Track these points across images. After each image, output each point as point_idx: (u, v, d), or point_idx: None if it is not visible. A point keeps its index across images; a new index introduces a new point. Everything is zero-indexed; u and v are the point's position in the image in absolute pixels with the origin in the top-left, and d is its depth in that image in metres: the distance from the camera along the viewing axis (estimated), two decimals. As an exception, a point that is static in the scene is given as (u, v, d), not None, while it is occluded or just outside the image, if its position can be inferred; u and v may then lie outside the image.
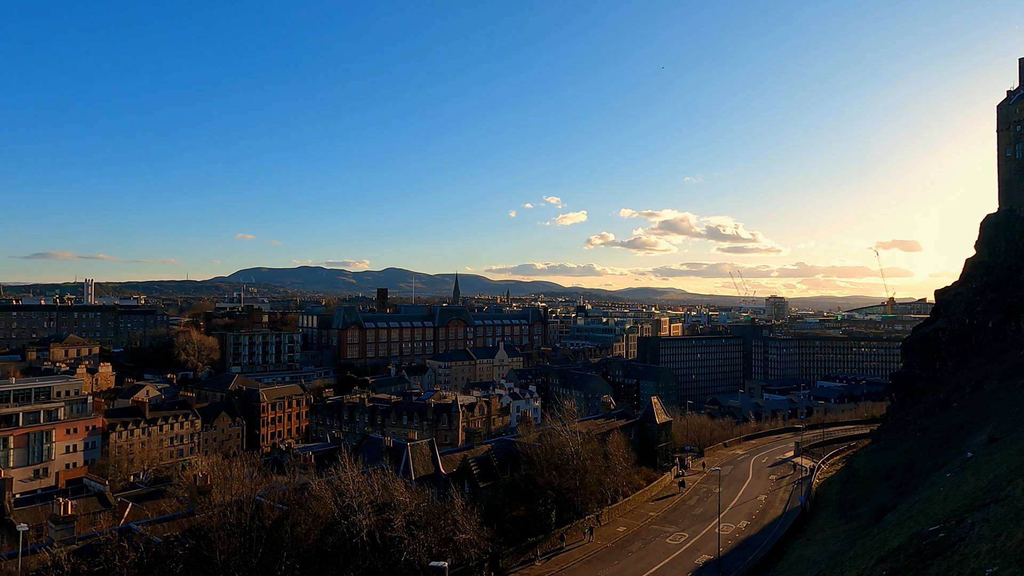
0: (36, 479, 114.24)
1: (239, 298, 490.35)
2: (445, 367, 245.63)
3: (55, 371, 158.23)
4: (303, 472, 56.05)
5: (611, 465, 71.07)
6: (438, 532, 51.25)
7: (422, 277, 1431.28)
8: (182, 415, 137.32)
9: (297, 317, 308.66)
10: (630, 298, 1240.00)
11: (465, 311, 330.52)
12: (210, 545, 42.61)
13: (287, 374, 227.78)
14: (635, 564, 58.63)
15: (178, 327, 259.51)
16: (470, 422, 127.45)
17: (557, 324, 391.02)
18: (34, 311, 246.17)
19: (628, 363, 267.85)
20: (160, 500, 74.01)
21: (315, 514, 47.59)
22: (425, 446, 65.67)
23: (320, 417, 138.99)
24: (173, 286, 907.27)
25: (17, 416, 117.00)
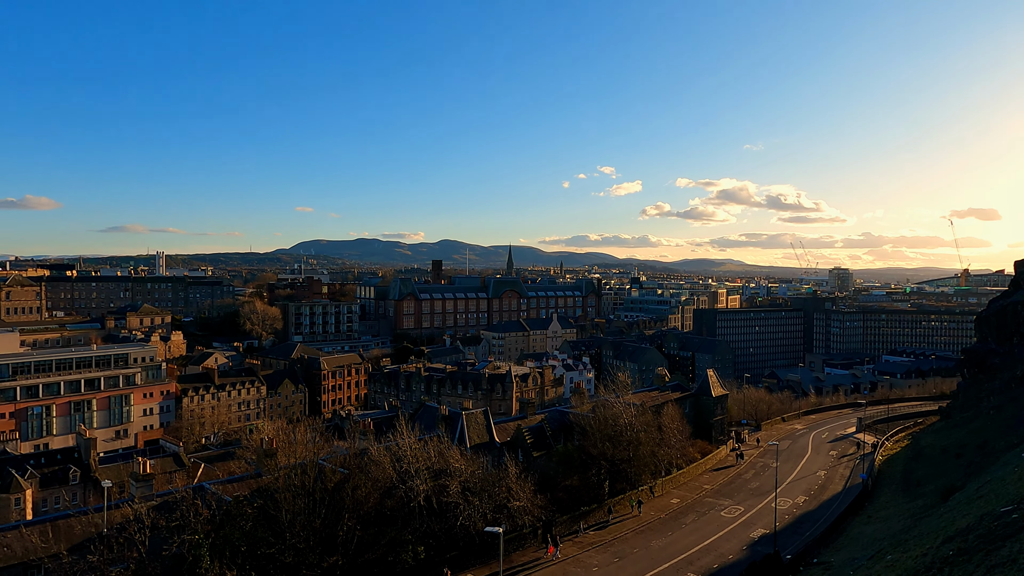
0: (117, 439, 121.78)
1: (299, 270, 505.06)
2: (499, 338, 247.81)
3: (132, 339, 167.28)
4: (363, 438, 57.86)
5: (665, 437, 70.76)
6: (492, 499, 52.32)
7: (476, 249, 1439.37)
8: (248, 382, 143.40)
9: (355, 288, 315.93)
10: (686, 269, 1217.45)
11: (518, 282, 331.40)
12: (276, 505, 44.72)
13: (346, 343, 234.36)
14: (689, 536, 58.60)
15: (243, 297, 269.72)
16: (523, 392, 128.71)
17: (611, 296, 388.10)
18: (111, 282, 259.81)
19: (683, 335, 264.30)
20: (230, 462, 78.15)
21: (374, 478, 49.24)
22: (479, 415, 66.75)
23: (378, 385, 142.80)
24: (237, 258, 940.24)
25: (99, 381, 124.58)
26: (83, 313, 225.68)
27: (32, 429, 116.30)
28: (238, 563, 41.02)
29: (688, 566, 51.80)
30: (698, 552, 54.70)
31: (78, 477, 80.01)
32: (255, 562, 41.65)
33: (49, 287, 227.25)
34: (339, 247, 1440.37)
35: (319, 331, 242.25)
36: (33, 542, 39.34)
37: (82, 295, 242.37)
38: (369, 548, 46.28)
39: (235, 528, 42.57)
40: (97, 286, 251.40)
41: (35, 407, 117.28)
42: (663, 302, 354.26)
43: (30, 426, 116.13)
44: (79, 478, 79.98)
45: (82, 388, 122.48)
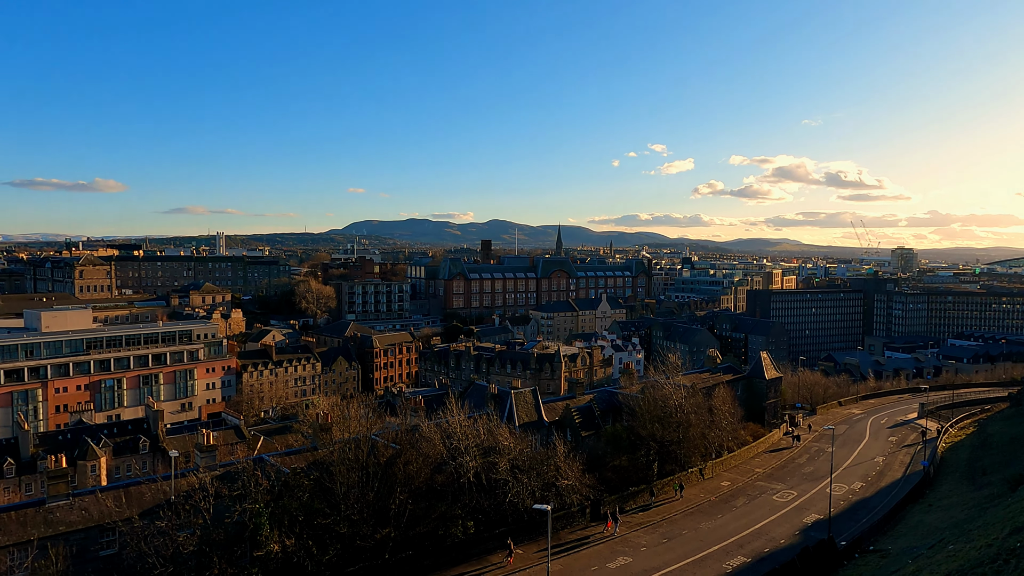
0: (182, 412, 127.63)
1: (352, 250, 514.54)
2: (548, 318, 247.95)
3: (194, 316, 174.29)
4: (414, 415, 59.09)
5: (716, 420, 69.84)
6: (541, 477, 52.79)
7: (525, 229, 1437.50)
8: (304, 358, 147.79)
9: (405, 268, 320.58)
10: (739, 249, 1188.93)
11: (568, 262, 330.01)
12: (332, 477, 46.20)
13: (397, 322, 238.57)
14: (739, 519, 57.95)
15: (298, 277, 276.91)
16: (572, 372, 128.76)
17: (661, 276, 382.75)
18: (175, 261, 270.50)
19: (736, 317, 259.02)
20: (287, 435, 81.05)
21: (425, 454, 50.27)
22: (528, 394, 67.17)
23: (428, 363, 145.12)
24: (293, 238, 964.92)
25: (166, 356, 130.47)
26: (149, 291, 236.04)
27: (105, 401, 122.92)
28: (296, 532, 42.66)
29: (738, 549, 51.31)
30: (748, 536, 54.08)
31: (147, 447, 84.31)
32: (312, 531, 43.22)
33: (118, 266, 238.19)
34: (390, 227, 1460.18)
35: (371, 310, 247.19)
36: (108, 506, 41.76)
37: (148, 274, 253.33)
38: (420, 521, 47.42)
39: (293, 499, 44.21)
40: (162, 265, 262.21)
41: (107, 380, 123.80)
42: (715, 283, 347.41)
43: (103, 398, 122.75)
44: (148, 448, 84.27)
45: (150, 363, 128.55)
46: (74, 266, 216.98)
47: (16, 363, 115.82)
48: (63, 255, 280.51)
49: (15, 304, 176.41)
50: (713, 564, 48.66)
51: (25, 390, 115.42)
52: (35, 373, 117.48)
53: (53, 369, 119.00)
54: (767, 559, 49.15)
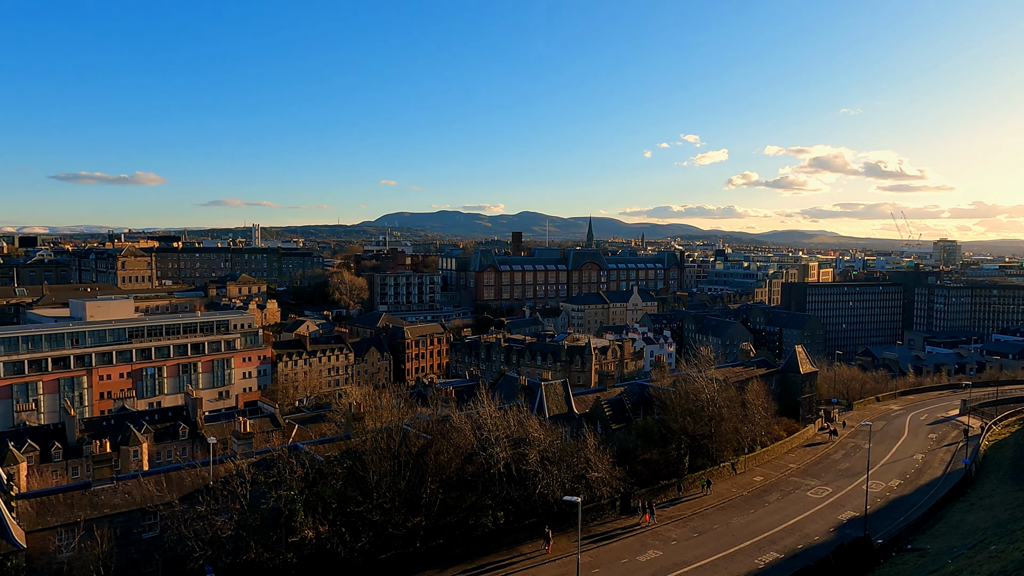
0: (220, 400, 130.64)
1: (384, 241, 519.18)
2: (578, 310, 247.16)
3: (231, 306, 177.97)
4: (444, 405, 59.53)
5: (749, 414, 68.95)
6: (571, 469, 52.83)
7: (555, 220, 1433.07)
8: (337, 349, 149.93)
9: (437, 260, 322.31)
10: (774, 241, 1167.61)
11: (599, 254, 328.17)
12: (364, 466, 46.91)
13: (428, 313, 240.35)
14: (772, 514, 57.22)
15: (332, 268, 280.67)
16: (603, 365, 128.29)
17: (694, 268, 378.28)
18: (212, 253, 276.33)
19: (770, 310, 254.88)
20: (321, 424, 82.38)
21: (456, 444, 50.69)
22: (559, 386, 67.16)
23: (459, 355, 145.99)
24: (326, 230, 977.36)
25: (204, 345, 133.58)
26: (188, 282, 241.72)
27: (146, 388, 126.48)
28: (329, 519, 43.47)
29: (771, 545, 50.70)
30: (782, 532, 53.39)
31: (186, 433, 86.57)
32: (345, 519, 43.98)
33: (158, 257, 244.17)
34: (421, 219, 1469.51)
35: (403, 301, 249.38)
36: (149, 490, 43.07)
37: (187, 265, 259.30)
38: (451, 511, 47.89)
39: (326, 486, 45.02)
40: (200, 257, 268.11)
41: (148, 368, 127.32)
42: (749, 275, 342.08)
43: (144, 385, 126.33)
44: (187, 434, 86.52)
45: (189, 351, 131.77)
46: (116, 257, 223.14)
47: (63, 351, 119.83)
48: (106, 247, 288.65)
49: (61, 294, 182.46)
50: (745, 559, 48.19)
51: (71, 377, 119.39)
52: (80, 361, 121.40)
53: (97, 357, 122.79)
54: (801, 556, 48.49)
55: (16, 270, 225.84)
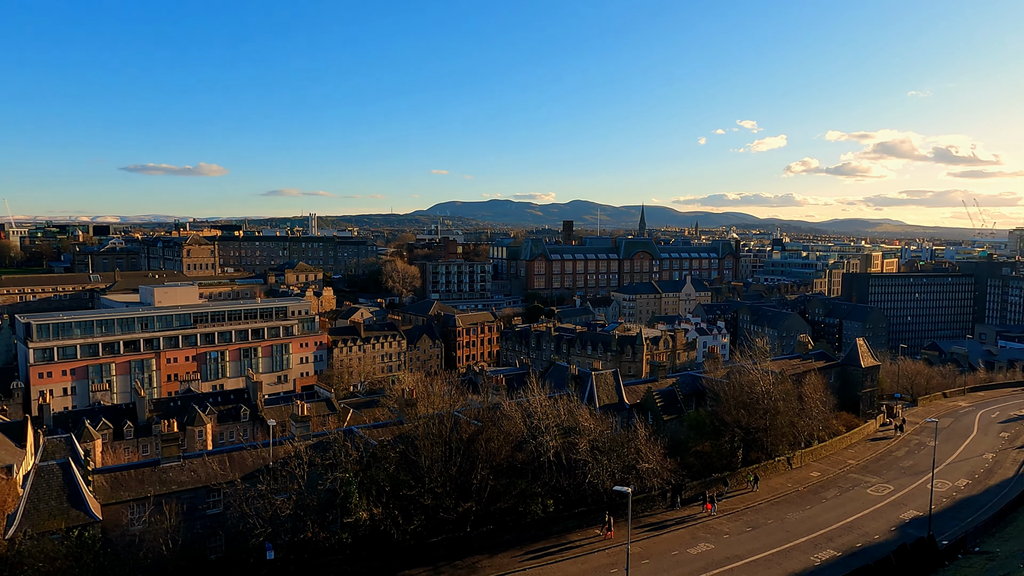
0: (278, 384, 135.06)
1: (436, 230, 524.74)
2: (629, 299, 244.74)
3: (289, 293, 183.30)
4: (495, 393, 60.00)
5: (806, 408, 67.10)
6: (621, 459, 52.59)
7: (607, 209, 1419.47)
8: (390, 335, 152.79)
9: (488, 248, 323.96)
10: (835, 230, 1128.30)
11: (651, 243, 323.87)
12: (416, 451, 47.81)
13: (479, 301, 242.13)
14: (830, 511, 55.70)
15: (385, 257, 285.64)
16: (654, 355, 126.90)
17: (750, 258, 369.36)
18: (271, 241, 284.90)
19: (830, 301, 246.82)
20: (374, 408, 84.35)
21: (506, 432, 51.09)
22: (609, 376, 66.80)
23: (509, 343, 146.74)
24: (380, 219, 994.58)
25: (263, 330, 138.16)
26: (248, 269, 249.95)
27: (210, 371, 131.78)
28: (383, 502, 44.53)
29: (828, 542, 49.42)
30: (839, 529, 51.94)
31: (247, 415, 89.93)
32: (397, 502, 44.98)
33: (220, 246, 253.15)
34: (473, 208, 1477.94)
35: (454, 289, 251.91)
36: (214, 469, 44.97)
37: (247, 253, 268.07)
38: (500, 497, 48.39)
39: (380, 470, 46.10)
40: (260, 245, 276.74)
41: (212, 352, 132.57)
42: (808, 265, 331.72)
43: (208, 368, 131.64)
44: (248, 416, 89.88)
45: (249, 337, 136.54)
46: (182, 246, 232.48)
47: (133, 335, 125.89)
48: (172, 235, 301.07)
49: (132, 280, 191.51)
50: (800, 556, 47.13)
51: (141, 360, 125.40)
52: (149, 344, 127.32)
53: (165, 341, 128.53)
54: (859, 554, 47.12)
55: (91, 258, 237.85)
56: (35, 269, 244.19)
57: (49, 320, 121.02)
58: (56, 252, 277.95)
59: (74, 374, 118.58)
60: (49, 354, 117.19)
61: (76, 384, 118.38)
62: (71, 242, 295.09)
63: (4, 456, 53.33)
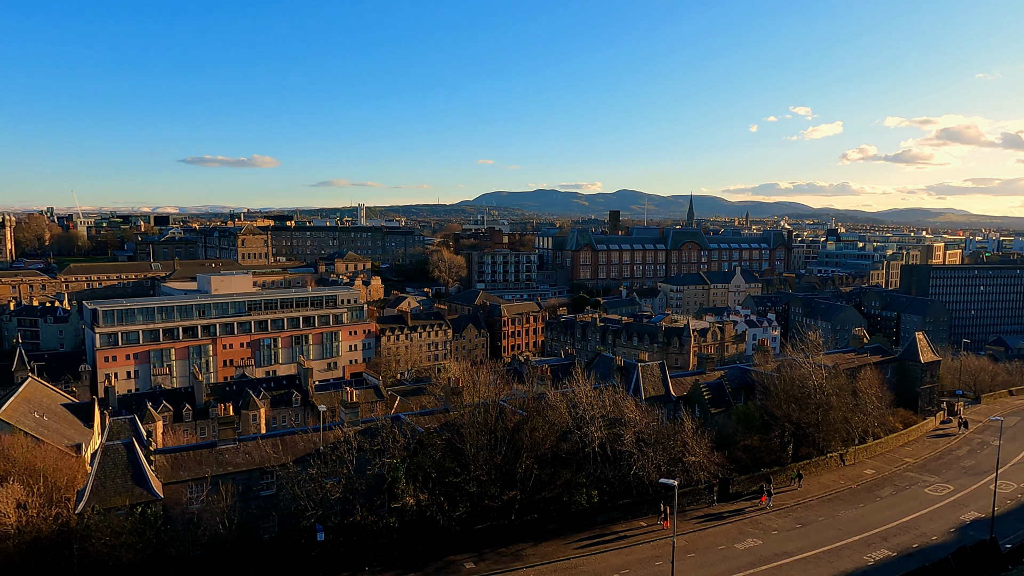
0: (328, 371, 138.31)
1: (482, 220, 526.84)
2: (677, 290, 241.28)
3: (339, 282, 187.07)
4: (540, 383, 60.09)
5: (860, 403, 65.10)
6: (667, 451, 52.10)
7: (654, 199, 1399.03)
8: (437, 324, 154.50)
9: (533, 238, 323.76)
10: (894, 220, 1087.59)
11: (699, 234, 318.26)
12: (462, 439, 48.37)
13: (524, 291, 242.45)
14: (884, 510, 54.03)
15: (432, 247, 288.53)
16: (702, 347, 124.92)
17: (802, 249, 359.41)
18: (322, 231, 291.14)
19: (887, 294, 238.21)
20: (421, 396, 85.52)
21: (551, 422, 51.16)
22: (655, 367, 66.11)
23: (554, 333, 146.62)
24: (426, 209, 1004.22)
25: (314, 318, 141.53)
26: (300, 258, 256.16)
27: (263, 357, 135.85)
28: (429, 488, 45.26)
29: (882, 542, 47.99)
30: (894, 529, 50.35)
31: (299, 400, 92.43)
32: (443, 488, 45.65)
33: (273, 235, 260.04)
34: (518, 198, 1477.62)
35: (500, 279, 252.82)
36: (267, 452, 46.45)
37: (299, 243, 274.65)
38: (545, 487, 48.59)
39: (426, 456, 46.83)
40: (311, 235, 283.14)
41: (265, 339, 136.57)
42: (864, 256, 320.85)
43: (262, 355, 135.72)
44: (300, 402, 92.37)
45: (301, 324, 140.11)
46: (237, 235, 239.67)
47: (191, 321, 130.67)
48: (228, 225, 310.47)
49: (190, 269, 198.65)
50: (852, 555, 45.92)
51: (199, 345, 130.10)
52: (207, 331, 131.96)
53: (221, 328, 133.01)
54: (915, 555, 45.63)
55: (152, 247, 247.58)
56: (101, 258, 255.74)
57: (114, 307, 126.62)
58: (120, 241, 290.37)
59: (137, 358, 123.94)
60: (114, 339, 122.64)
61: (139, 368, 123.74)
62: (134, 232, 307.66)
63: (73, 435, 56.22)
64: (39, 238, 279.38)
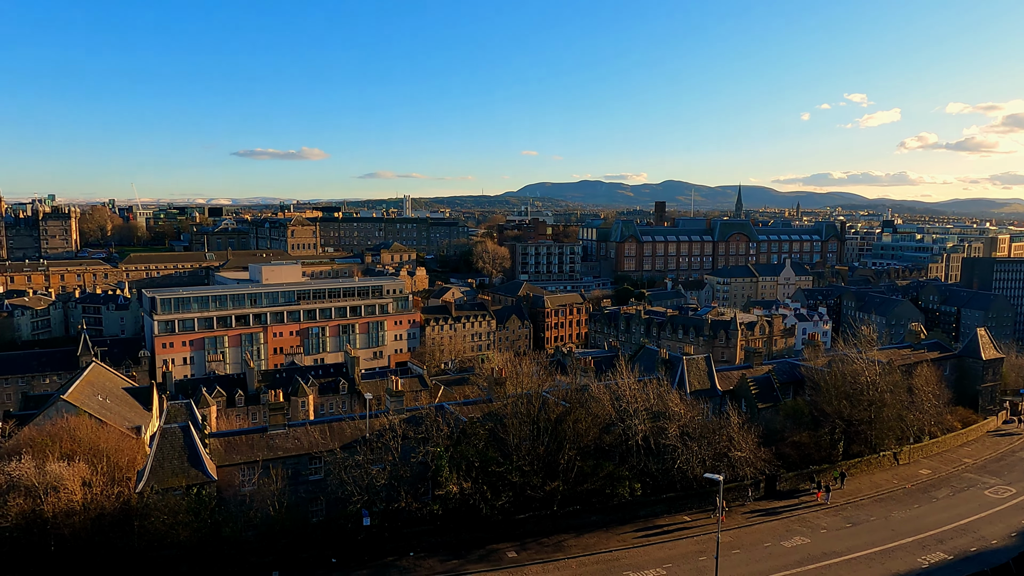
0: (374, 360, 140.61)
1: (526, 212, 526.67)
2: (724, 283, 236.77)
3: (384, 273, 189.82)
4: (583, 375, 59.93)
5: (916, 401, 62.93)
6: (712, 446, 51.40)
7: (702, 189, 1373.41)
8: (480, 315, 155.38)
9: (577, 230, 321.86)
10: (955, 211, 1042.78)
11: (748, 225, 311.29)
12: (505, 429, 48.69)
13: (568, 283, 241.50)
14: (940, 511, 52.19)
15: (475, 238, 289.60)
16: (749, 341, 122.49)
17: (856, 241, 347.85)
18: (368, 222, 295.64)
19: (947, 288, 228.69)
20: (464, 386, 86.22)
21: (594, 414, 51.02)
22: (701, 361, 65.16)
23: (598, 325, 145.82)
24: (470, 200, 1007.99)
25: (360, 308, 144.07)
26: (346, 249, 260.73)
27: (311, 345, 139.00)
28: (472, 476, 45.73)
29: (937, 544, 46.39)
30: (951, 531, 48.61)
31: (346, 388, 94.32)
32: (486, 477, 46.06)
33: (321, 226, 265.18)
34: (563, 189, 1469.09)
35: (543, 271, 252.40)
36: (315, 438, 47.67)
37: (346, 234, 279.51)
38: (587, 479, 48.54)
39: (469, 446, 47.30)
40: (357, 226, 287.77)
41: (313, 328, 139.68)
42: (922, 248, 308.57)
43: (310, 343, 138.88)
44: (346, 389, 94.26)
45: (347, 314, 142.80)
46: (287, 226, 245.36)
47: (244, 310, 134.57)
48: (278, 216, 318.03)
49: (242, 259, 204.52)
50: (905, 557, 44.55)
51: (250, 333, 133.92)
52: (258, 319, 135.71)
53: (272, 316, 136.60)
54: (973, 559, 43.98)
55: (206, 237, 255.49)
56: (158, 248, 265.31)
57: (171, 295, 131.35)
58: (176, 232, 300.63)
59: (192, 345, 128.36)
60: (171, 326, 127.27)
61: (194, 354, 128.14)
62: (189, 223, 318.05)
63: (134, 417, 58.72)
64: (102, 229, 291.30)
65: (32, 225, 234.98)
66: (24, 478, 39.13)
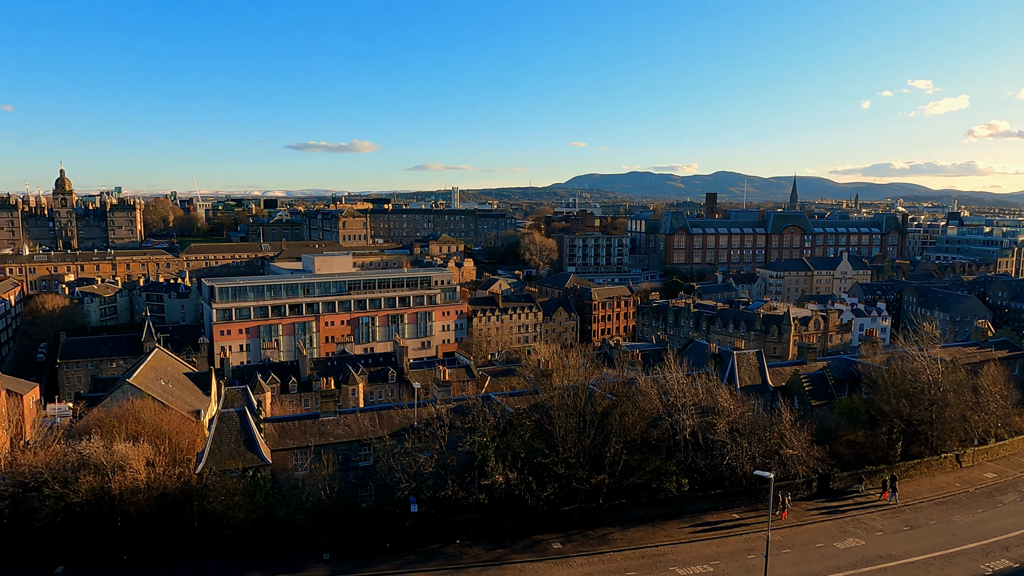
0: (422, 349, 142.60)
1: (574, 203, 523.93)
2: (777, 277, 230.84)
3: (433, 264, 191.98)
4: (630, 368, 59.43)
5: (982, 401, 60.21)
6: (763, 443, 50.36)
7: (754, 181, 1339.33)
8: (527, 307, 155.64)
9: (625, 222, 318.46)
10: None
11: (803, 217, 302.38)
12: (551, 421, 48.75)
13: (615, 276, 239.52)
14: (1005, 518, 49.87)
15: (523, 230, 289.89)
16: (803, 336, 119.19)
17: (919, 234, 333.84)
18: (417, 214, 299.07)
19: (1018, 283, 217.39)
20: (511, 377, 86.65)
21: (641, 408, 50.59)
22: (752, 356, 63.80)
23: (646, 318, 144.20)
24: (518, 192, 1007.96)
25: (409, 298, 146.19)
26: (396, 240, 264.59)
27: (362, 335, 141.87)
28: (518, 467, 45.97)
29: (1002, 551, 44.39)
30: (1017, 538, 46.40)
31: (394, 377, 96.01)
32: (532, 469, 46.24)
33: (372, 218, 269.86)
34: (611, 180, 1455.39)
35: (591, 263, 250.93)
36: (365, 425, 48.70)
37: (395, 225, 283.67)
38: (634, 473, 48.21)
39: (516, 436, 47.55)
40: (407, 217, 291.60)
41: (364, 317, 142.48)
42: (991, 242, 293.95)
43: (360, 332, 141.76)
44: (395, 378, 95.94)
45: (396, 304, 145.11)
46: (338, 218, 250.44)
47: (297, 299, 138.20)
48: (330, 208, 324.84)
49: (296, 249, 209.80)
50: (967, 563, 42.79)
51: (303, 322, 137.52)
52: (310, 308, 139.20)
53: (324, 306, 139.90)
54: (1041, 568, 41.95)
55: (261, 228, 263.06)
56: (217, 238, 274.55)
57: (228, 284, 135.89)
58: (234, 223, 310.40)
59: (248, 333, 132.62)
60: (228, 314, 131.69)
61: (250, 342, 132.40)
62: (246, 214, 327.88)
63: (193, 401, 61.12)
64: (164, 219, 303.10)
65: (100, 216, 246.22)
66: (93, 456, 41.26)
